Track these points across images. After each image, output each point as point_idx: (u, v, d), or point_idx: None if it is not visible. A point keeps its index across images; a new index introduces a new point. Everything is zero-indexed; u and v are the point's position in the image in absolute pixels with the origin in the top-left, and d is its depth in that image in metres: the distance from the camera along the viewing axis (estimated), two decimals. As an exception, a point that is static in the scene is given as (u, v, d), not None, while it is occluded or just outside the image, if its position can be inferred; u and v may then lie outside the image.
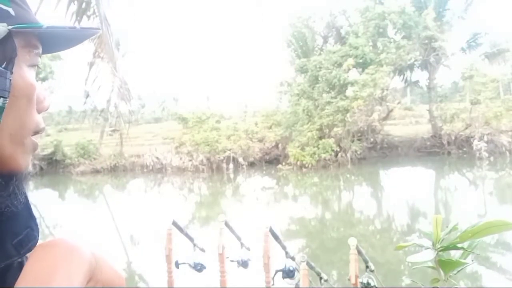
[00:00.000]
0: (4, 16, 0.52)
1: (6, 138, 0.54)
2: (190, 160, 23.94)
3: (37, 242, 0.59)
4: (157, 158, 25.12)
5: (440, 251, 0.93)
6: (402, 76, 26.33)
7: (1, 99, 0.51)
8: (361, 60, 22.12)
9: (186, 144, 24.25)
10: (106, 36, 7.60)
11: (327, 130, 22.28)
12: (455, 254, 0.96)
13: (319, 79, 22.37)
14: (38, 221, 0.61)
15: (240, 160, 23.41)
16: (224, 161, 23.40)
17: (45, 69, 26.01)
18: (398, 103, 26.01)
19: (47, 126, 24.88)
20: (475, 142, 21.80)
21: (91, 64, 9.29)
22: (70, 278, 0.46)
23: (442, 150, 23.51)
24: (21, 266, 0.64)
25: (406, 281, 6.42)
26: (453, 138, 23.32)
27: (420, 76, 26.67)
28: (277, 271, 3.98)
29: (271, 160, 24.29)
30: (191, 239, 4.42)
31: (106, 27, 7.28)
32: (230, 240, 4.53)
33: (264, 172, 23.09)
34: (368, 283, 3.69)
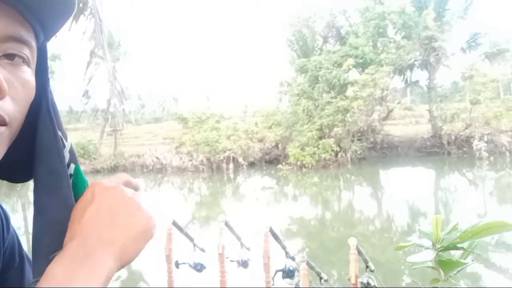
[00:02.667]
0: None
1: None
2: (190, 160, 23.94)
3: None
4: (157, 158, 25.12)
5: (440, 251, 0.92)
6: (402, 76, 26.34)
7: None
8: (361, 60, 22.11)
9: (186, 144, 24.24)
10: (100, 37, 7.64)
11: (327, 130, 22.27)
12: (455, 254, 0.96)
13: (319, 79, 22.36)
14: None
15: (240, 160, 23.40)
16: (224, 161, 23.40)
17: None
18: (398, 103, 26.00)
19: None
20: (475, 142, 21.79)
21: (88, 64, 9.35)
22: (91, 281, 0.46)
23: (442, 150, 23.50)
24: (21, 266, 0.63)
25: (406, 281, 6.42)
26: (453, 138, 23.31)
27: (420, 76, 26.73)
28: (277, 271, 3.97)
29: (271, 160, 24.29)
30: (191, 239, 4.42)
31: (99, 27, 7.31)
32: (230, 240, 4.52)
33: (264, 172, 23.09)
34: (368, 283, 3.69)
